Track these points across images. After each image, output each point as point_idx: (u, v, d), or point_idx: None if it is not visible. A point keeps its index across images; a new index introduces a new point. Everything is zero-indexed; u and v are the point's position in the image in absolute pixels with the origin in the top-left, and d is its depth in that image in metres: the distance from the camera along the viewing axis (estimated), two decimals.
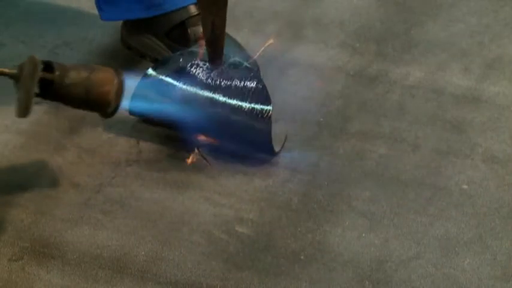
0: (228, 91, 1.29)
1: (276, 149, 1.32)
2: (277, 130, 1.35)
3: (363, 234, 1.22)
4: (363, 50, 1.60)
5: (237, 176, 1.30)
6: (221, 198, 1.27)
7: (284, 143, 1.35)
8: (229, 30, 1.64)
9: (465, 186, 1.30)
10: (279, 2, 1.73)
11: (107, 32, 1.64)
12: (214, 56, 1.31)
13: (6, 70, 1.14)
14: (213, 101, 1.29)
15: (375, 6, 1.72)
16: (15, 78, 1.13)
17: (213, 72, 1.30)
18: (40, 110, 1.41)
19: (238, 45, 1.46)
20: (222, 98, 1.29)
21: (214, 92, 1.29)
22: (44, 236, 1.20)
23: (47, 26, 1.65)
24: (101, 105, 1.17)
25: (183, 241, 1.20)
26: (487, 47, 1.61)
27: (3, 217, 1.23)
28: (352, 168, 1.32)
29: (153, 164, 1.33)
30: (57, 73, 1.14)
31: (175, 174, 1.30)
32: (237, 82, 1.30)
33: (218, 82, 1.30)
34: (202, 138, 1.33)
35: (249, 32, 1.64)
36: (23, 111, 1.11)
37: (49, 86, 1.13)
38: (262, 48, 1.38)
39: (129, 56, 1.57)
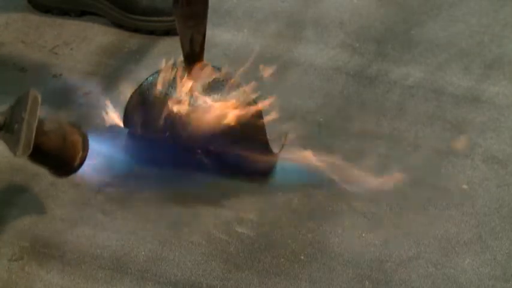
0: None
1: (276, 149, 1.32)
2: (277, 130, 1.35)
3: (363, 234, 1.22)
4: (363, 50, 1.60)
5: (237, 176, 1.30)
6: (221, 199, 1.27)
7: (284, 143, 1.34)
8: (229, 30, 1.65)
9: (465, 186, 1.30)
10: (279, 2, 1.74)
11: (107, 32, 1.64)
12: (192, 71, 1.26)
13: None
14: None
15: (374, 6, 1.72)
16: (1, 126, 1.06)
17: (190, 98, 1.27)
18: (40, 110, 1.41)
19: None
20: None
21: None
22: (44, 236, 1.20)
23: (47, 26, 1.65)
24: (74, 154, 1.12)
25: (183, 241, 1.20)
26: (487, 47, 1.61)
27: (3, 217, 1.23)
28: (352, 168, 1.32)
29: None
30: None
31: (175, 174, 1.30)
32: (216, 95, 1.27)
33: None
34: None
35: (249, 32, 1.64)
36: (26, 148, 1.04)
37: None
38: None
39: (129, 56, 1.57)
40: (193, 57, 1.25)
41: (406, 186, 1.29)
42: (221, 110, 1.25)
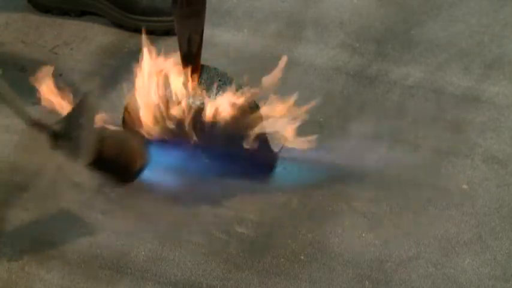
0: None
1: (276, 149, 1.32)
2: (277, 130, 1.34)
3: (363, 234, 1.22)
4: (363, 50, 1.60)
5: (237, 176, 1.30)
6: (221, 199, 1.27)
7: (284, 143, 1.34)
8: (229, 30, 1.65)
9: (465, 186, 1.30)
10: (279, 2, 1.74)
11: (107, 32, 1.64)
12: (190, 71, 1.26)
13: (50, 126, 1.04)
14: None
15: (374, 6, 1.72)
16: (57, 134, 1.04)
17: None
18: (40, 110, 1.41)
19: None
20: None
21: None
22: (44, 236, 1.20)
23: (47, 26, 1.65)
24: (133, 161, 1.10)
25: (183, 241, 1.20)
26: (487, 47, 1.61)
27: (3, 217, 1.23)
28: (352, 168, 1.32)
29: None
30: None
31: (176, 174, 1.30)
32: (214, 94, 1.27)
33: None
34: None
35: (249, 32, 1.64)
36: (87, 155, 1.02)
37: None
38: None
39: (129, 56, 1.57)
40: (190, 57, 1.25)
41: (406, 186, 1.29)
42: (221, 110, 1.25)
